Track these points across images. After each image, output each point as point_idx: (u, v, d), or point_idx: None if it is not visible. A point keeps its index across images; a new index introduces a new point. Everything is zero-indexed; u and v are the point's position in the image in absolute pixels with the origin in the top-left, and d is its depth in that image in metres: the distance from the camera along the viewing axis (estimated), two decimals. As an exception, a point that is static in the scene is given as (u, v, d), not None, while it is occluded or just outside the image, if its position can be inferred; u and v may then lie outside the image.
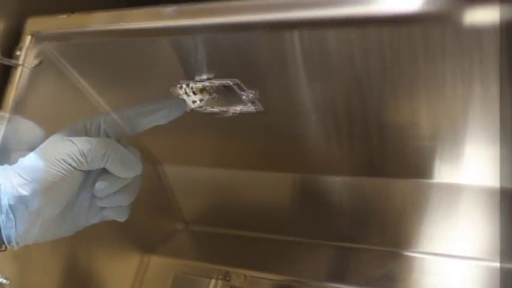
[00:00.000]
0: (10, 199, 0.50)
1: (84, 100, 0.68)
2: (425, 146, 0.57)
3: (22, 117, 0.61)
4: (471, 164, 0.58)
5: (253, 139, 0.68)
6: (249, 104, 0.57)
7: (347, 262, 0.67)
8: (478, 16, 0.41)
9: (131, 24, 0.55)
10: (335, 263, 0.69)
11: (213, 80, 0.56)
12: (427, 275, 0.63)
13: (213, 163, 0.76)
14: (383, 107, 0.54)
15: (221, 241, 0.81)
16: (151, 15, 0.54)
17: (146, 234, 0.82)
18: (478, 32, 0.42)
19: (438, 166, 0.59)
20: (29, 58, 0.62)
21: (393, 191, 0.65)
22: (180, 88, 0.59)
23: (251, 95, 0.56)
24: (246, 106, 0.57)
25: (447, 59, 0.46)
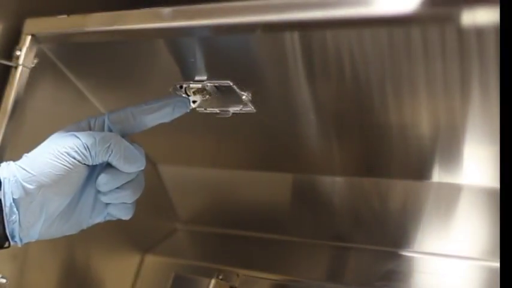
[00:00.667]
0: (14, 193, 0.50)
1: (83, 100, 0.68)
2: (425, 146, 0.57)
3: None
4: (471, 164, 0.58)
5: (252, 139, 0.68)
6: (249, 104, 0.57)
7: (346, 262, 0.67)
8: (478, 16, 0.41)
9: (129, 25, 0.55)
10: (334, 263, 0.69)
11: (213, 80, 0.56)
12: (427, 275, 0.63)
13: (212, 163, 0.76)
14: (382, 107, 0.54)
15: (220, 241, 0.81)
16: (149, 16, 0.54)
17: (144, 234, 0.82)
18: (478, 32, 0.42)
19: (438, 166, 0.59)
20: (28, 58, 0.62)
21: (393, 191, 0.65)
22: (180, 88, 0.59)
23: (251, 95, 0.56)
24: (246, 106, 0.57)
25: (447, 59, 0.46)
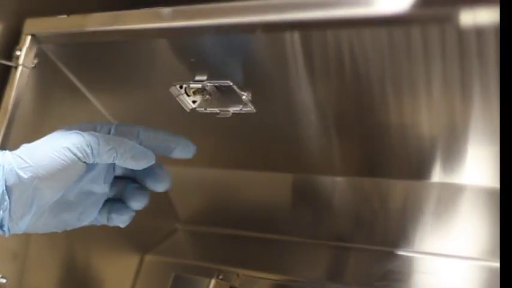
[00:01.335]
0: (8, 180, 0.49)
1: (83, 100, 0.68)
2: (425, 146, 0.57)
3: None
4: (471, 164, 0.58)
5: (252, 139, 0.68)
6: (249, 104, 0.57)
7: (346, 262, 0.67)
8: (478, 16, 0.41)
9: (129, 25, 0.55)
10: (334, 263, 0.69)
11: (213, 80, 0.56)
12: (427, 275, 0.63)
13: (212, 163, 0.76)
14: (382, 107, 0.54)
15: (220, 241, 0.81)
16: (149, 16, 0.54)
17: (144, 234, 0.82)
18: (478, 32, 0.42)
19: (438, 166, 0.59)
20: (28, 58, 0.62)
21: (393, 191, 0.65)
22: (180, 88, 0.59)
23: (251, 95, 0.56)
24: (246, 106, 0.57)
25: (447, 59, 0.46)
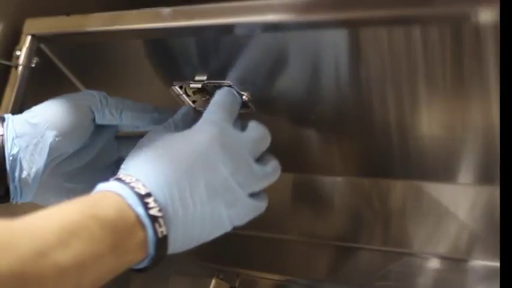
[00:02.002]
0: (17, 128, 0.51)
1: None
2: (425, 146, 0.57)
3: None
4: (471, 164, 0.58)
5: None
6: (249, 104, 0.57)
7: (346, 262, 0.67)
8: (478, 16, 0.41)
9: (129, 25, 0.55)
10: (334, 263, 0.69)
11: (213, 80, 0.56)
12: (427, 275, 0.63)
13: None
14: (383, 107, 0.54)
15: (220, 241, 0.80)
16: (149, 16, 0.54)
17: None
18: (478, 32, 0.42)
19: (438, 166, 0.59)
20: (28, 58, 0.63)
21: (393, 191, 0.65)
22: (180, 88, 0.59)
23: (251, 95, 0.56)
24: (246, 106, 0.57)
25: (447, 59, 0.46)
